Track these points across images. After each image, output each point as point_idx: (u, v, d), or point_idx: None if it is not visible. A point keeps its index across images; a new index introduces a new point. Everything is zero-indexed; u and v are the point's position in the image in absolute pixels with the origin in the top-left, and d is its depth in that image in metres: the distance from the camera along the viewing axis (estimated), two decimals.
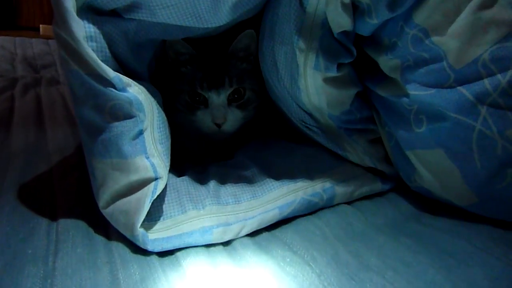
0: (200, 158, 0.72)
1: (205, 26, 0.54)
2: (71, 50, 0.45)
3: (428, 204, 0.64)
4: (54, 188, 0.64)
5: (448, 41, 0.49)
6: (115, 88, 0.46)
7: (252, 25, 0.66)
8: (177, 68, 0.69)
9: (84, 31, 0.46)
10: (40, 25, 3.30)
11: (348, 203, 0.64)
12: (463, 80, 0.50)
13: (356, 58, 0.59)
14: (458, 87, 0.51)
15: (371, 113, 0.67)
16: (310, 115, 0.66)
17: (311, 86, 0.59)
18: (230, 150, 0.74)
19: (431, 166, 0.58)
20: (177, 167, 0.62)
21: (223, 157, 0.71)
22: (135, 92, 0.48)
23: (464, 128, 0.52)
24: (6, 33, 2.10)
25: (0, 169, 0.69)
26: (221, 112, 0.67)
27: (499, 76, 0.48)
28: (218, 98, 0.67)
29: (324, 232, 0.56)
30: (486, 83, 0.49)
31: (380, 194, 0.67)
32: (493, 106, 0.49)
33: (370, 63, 0.62)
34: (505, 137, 0.50)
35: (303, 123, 0.68)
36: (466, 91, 0.50)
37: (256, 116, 0.74)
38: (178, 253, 0.51)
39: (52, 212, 0.58)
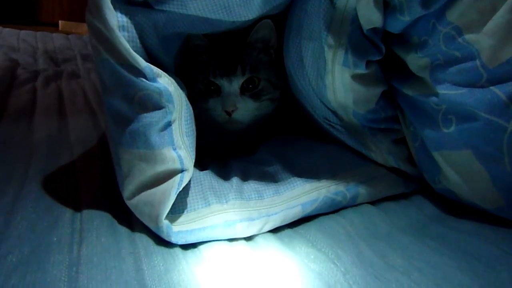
0: (221, 153, 0.72)
1: (234, 20, 0.54)
2: (103, 39, 0.45)
3: (452, 206, 0.63)
4: (77, 178, 0.65)
5: (482, 39, 0.48)
6: (146, 78, 0.46)
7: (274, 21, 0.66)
8: (195, 59, 0.69)
9: (117, 21, 0.46)
10: (59, 21, 3.35)
11: (372, 203, 0.63)
12: (496, 80, 0.49)
13: (383, 57, 0.59)
14: (491, 87, 0.50)
15: (396, 113, 0.66)
16: (335, 113, 0.65)
17: (338, 83, 0.59)
18: (251, 146, 0.73)
19: (458, 168, 0.57)
20: (198, 162, 0.62)
21: (244, 153, 0.71)
22: (165, 83, 0.48)
23: (495, 129, 0.50)
24: (27, 28, 2.13)
25: (24, 158, 0.70)
26: (231, 100, 0.66)
27: None
28: (229, 86, 0.66)
29: (348, 231, 0.55)
30: None
31: (403, 196, 0.66)
32: None
33: (396, 62, 0.61)
34: None
35: (327, 121, 0.68)
36: (499, 91, 0.49)
37: (275, 111, 0.73)
38: (201, 246, 0.51)
39: (76, 201, 0.58)
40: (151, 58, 0.53)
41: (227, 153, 0.72)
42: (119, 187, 0.53)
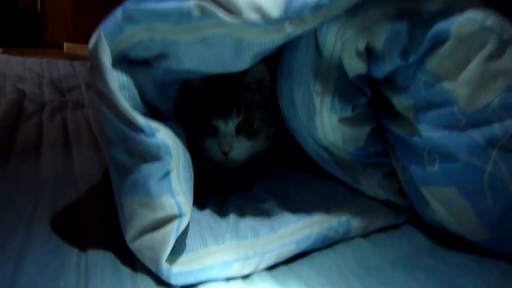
0: (218, 188, 0.75)
1: (228, 71, 0.57)
2: (105, 99, 0.49)
3: (443, 237, 0.65)
4: (82, 217, 0.68)
5: (459, 87, 0.51)
6: (145, 134, 0.50)
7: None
8: (193, 100, 0.73)
9: (118, 82, 0.50)
10: (64, 43, 3.43)
11: (364, 236, 0.66)
12: (473, 124, 0.52)
13: (371, 94, 0.61)
14: (469, 131, 0.52)
15: (386, 147, 0.69)
16: (326, 149, 0.68)
17: (327, 125, 0.62)
18: (247, 180, 0.76)
19: (444, 202, 0.60)
20: (196, 196, 0.65)
21: (241, 188, 0.74)
22: (163, 137, 0.52)
23: (475, 170, 0.53)
24: (31, 50, 2.19)
25: (32, 198, 0.73)
26: (227, 141, 0.69)
27: (507, 122, 0.50)
28: (225, 127, 0.69)
29: (339, 267, 0.57)
30: (496, 128, 0.51)
31: (395, 227, 0.69)
32: (503, 150, 0.51)
33: (384, 100, 0.64)
34: None
35: (319, 156, 0.71)
36: (476, 135, 0.52)
37: (270, 147, 0.76)
38: (199, 286, 0.53)
39: (81, 241, 0.60)
40: (150, 107, 0.57)
41: (224, 187, 0.75)
42: (122, 230, 0.56)
